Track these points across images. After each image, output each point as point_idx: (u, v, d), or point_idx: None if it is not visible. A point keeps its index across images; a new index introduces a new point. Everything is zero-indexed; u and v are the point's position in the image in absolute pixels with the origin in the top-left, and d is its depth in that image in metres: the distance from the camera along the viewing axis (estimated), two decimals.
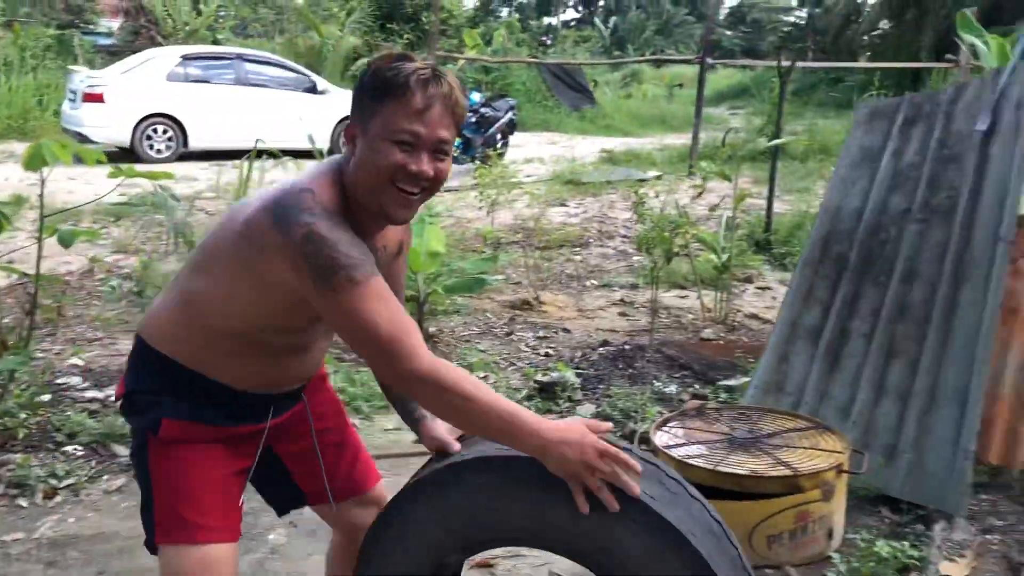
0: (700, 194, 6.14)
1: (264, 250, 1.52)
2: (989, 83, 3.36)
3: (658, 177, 10.36)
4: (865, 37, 22.62)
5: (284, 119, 11.35)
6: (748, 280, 6.33)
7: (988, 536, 2.87)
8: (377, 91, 1.53)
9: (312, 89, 13.00)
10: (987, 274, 3.03)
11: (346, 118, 13.65)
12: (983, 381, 2.97)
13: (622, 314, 5.67)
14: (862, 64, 19.49)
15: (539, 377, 4.15)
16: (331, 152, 9.88)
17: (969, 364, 2.99)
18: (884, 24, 22.02)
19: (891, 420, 3.11)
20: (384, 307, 1.49)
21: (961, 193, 3.23)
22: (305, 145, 6.57)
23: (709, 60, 12.73)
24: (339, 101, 12.90)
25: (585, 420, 1.55)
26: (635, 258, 7.02)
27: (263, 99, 12.39)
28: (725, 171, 5.53)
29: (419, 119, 1.51)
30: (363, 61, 18.97)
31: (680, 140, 13.79)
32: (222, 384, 1.69)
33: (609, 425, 1.56)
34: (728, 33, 39.70)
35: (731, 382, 4.12)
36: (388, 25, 21.32)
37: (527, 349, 4.88)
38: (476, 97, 12.37)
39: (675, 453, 2.84)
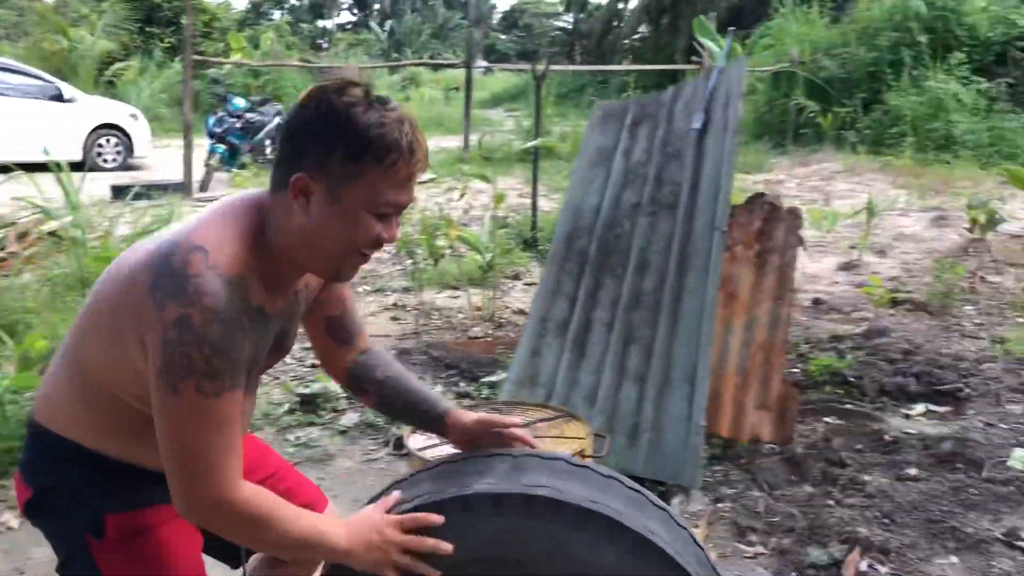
0: (462, 196, 6.23)
1: (137, 310, 1.30)
2: (703, 83, 3.63)
3: (432, 179, 10.46)
4: (626, 41, 23.97)
5: (26, 130, 10.45)
6: (516, 277, 6.51)
7: (720, 504, 3.11)
8: (358, 151, 1.28)
9: (58, 97, 12.01)
10: (706, 261, 3.28)
11: (102, 127, 12.58)
12: (709, 360, 3.21)
13: (394, 318, 5.65)
14: (621, 67, 20.60)
15: (300, 389, 4.05)
16: (83, 165, 9.18)
17: (696, 345, 3.21)
18: (643, 28, 23.47)
19: (632, 403, 3.29)
20: (219, 433, 1.29)
21: (682, 187, 3.47)
22: (52, 157, 6.06)
23: (478, 64, 13.01)
24: (90, 109, 12.03)
25: (375, 507, 1.46)
26: (408, 261, 7.05)
27: (1, 108, 11.30)
28: (485, 173, 5.64)
29: (404, 189, 1.33)
30: (119, 66, 17.80)
31: (456, 142, 13.99)
32: (145, 468, 1.44)
33: (397, 495, 1.48)
34: (503, 37, 40.85)
35: (493, 378, 4.21)
36: (147, 28, 20.19)
37: (293, 361, 4.75)
38: (241, 103, 11.91)
39: (427, 454, 2.85)
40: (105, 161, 12.13)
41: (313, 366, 4.61)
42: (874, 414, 3.85)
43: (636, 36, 23.88)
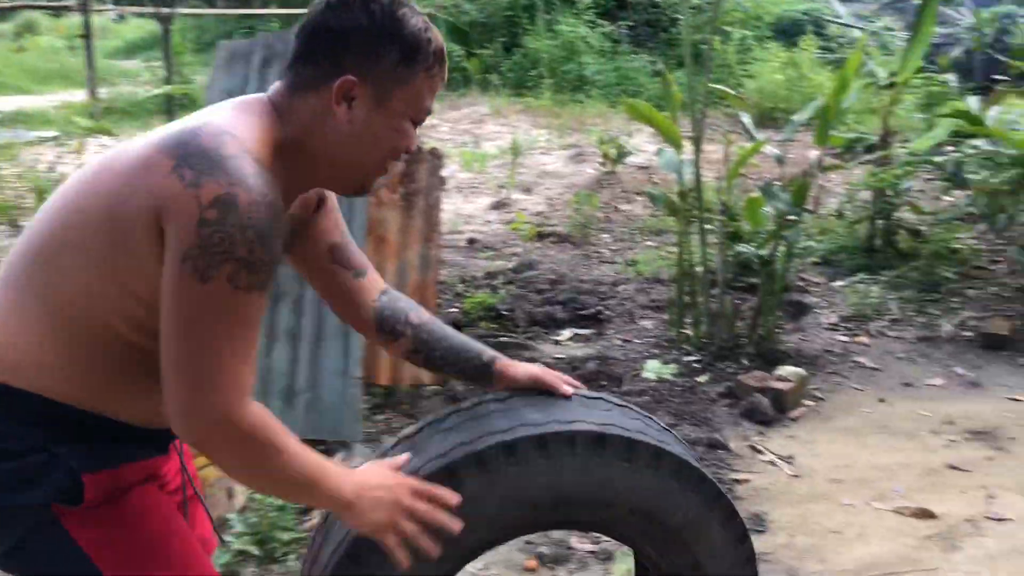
0: (79, 151, 5.54)
1: (155, 192, 1.10)
2: None
3: (54, 138, 9.24)
4: None
5: None
6: None
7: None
8: (410, 56, 1.22)
9: None
10: (351, 205, 3.15)
11: None
12: None
13: None
14: (262, 11, 19.67)
15: None
16: None
17: None
18: None
19: (285, 363, 3.11)
20: (241, 337, 1.12)
21: None
22: None
23: (100, 7, 11.62)
24: None
25: (384, 463, 1.32)
26: None
27: None
28: (106, 126, 5.03)
29: (434, 97, 1.28)
30: None
31: (82, 96, 12.49)
32: (118, 421, 1.24)
33: (406, 457, 1.34)
34: None
35: None
36: None
37: None
38: None
39: None
40: None
41: None
42: (527, 343, 4.02)
43: None
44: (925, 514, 2.78)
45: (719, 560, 1.49)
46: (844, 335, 4.30)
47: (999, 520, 2.75)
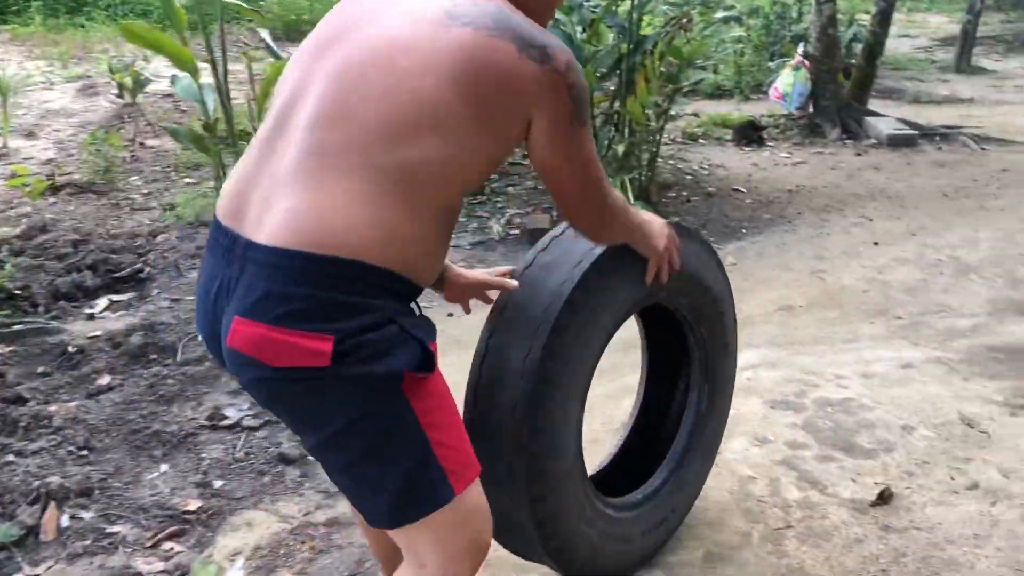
0: None
1: (515, 77, 1.29)
2: None
3: None
4: None
5: None
6: None
7: None
8: None
9: None
10: None
11: None
12: None
13: None
14: None
15: None
16: None
17: None
18: None
19: None
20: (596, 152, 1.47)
21: None
22: None
23: None
24: None
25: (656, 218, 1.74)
26: None
27: None
28: None
29: None
30: None
31: None
32: (417, 285, 1.34)
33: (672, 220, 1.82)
34: None
35: None
36: None
37: None
38: None
39: None
40: None
41: None
42: (52, 326, 3.32)
43: None
44: None
45: (731, 330, 2.06)
46: None
47: None
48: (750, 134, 6.73)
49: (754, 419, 2.65)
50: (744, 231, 4.85)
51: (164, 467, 2.45)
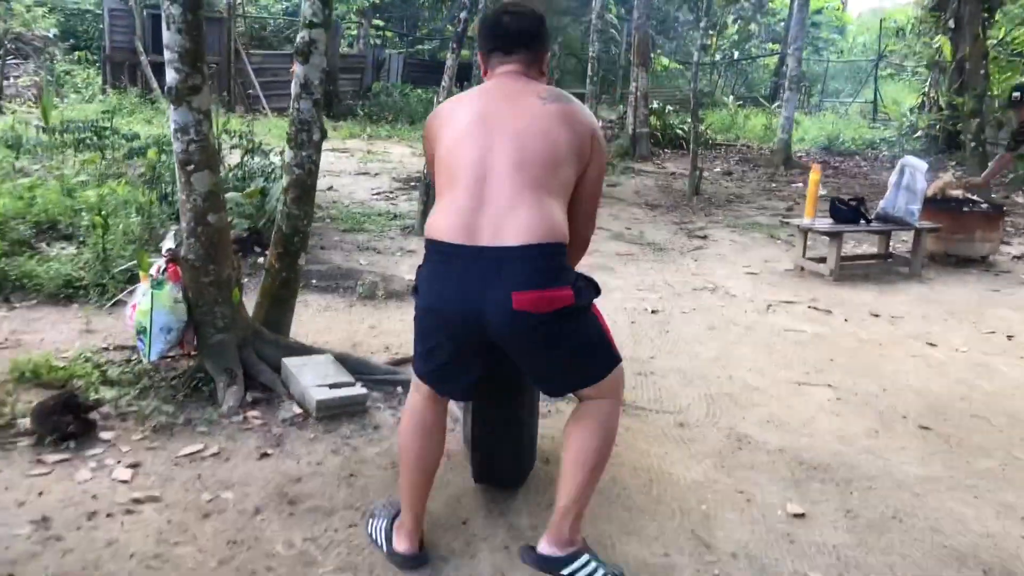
0: None
1: (590, 137, 2.56)
2: None
3: None
4: None
5: None
6: None
7: None
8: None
9: None
10: None
11: None
12: None
13: None
14: None
15: None
16: None
17: None
18: None
19: None
20: None
21: None
22: None
23: None
24: None
25: None
26: None
27: None
28: None
29: None
30: None
31: None
32: None
33: None
34: None
35: None
36: None
37: None
38: None
39: None
40: None
41: None
42: None
43: None
44: None
45: None
46: None
47: None
48: (64, 424, 3.51)
49: None
50: None
51: None
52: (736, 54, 28.48)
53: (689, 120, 18.20)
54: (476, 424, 3.12)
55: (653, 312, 6.21)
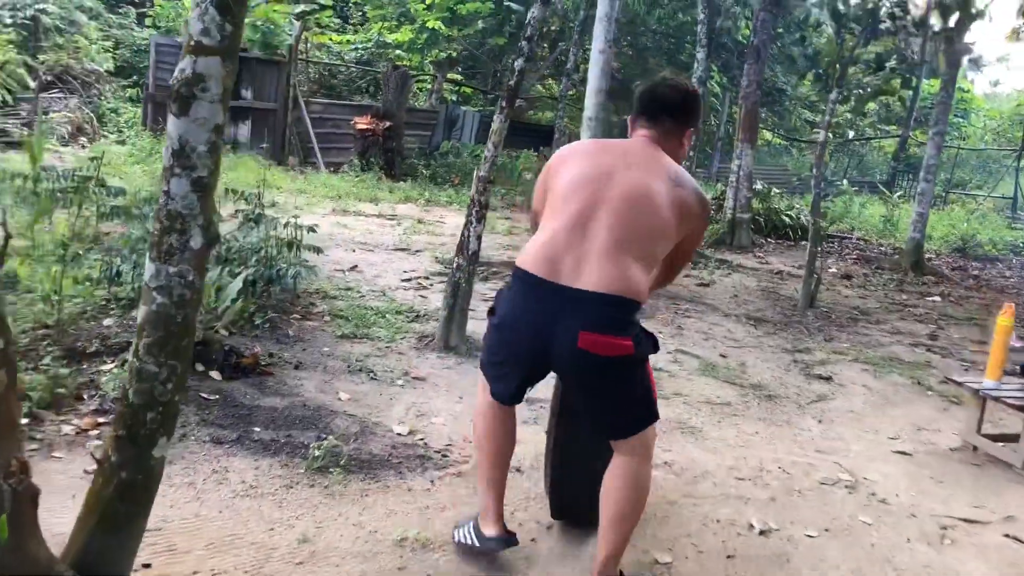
0: None
1: (696, 217, 2.95)
2: None
3: None
4: None
5: None
6: None
7: None
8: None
9: None
10: None
11: None
12: None
13: None
14: None
15: None
16: None
17: None
18: None
19: None
20: None
21: None
22: None
23: None
24: None
25: None
26: None
27: None
28: None
29: None
30: None
31: None
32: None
33: None
34: None
35: None
36: None
37: None
38: None
39: None
40: None
41: None
42: None
43: None
44: None
45: None
46: None
47: None
48: None
49: None
50: None
51: None
52: (851, 133, 25.92)
53: (796, 205, 15.76)
54: (555, 460, 3.38)
55: (761, 534, 3.87)
